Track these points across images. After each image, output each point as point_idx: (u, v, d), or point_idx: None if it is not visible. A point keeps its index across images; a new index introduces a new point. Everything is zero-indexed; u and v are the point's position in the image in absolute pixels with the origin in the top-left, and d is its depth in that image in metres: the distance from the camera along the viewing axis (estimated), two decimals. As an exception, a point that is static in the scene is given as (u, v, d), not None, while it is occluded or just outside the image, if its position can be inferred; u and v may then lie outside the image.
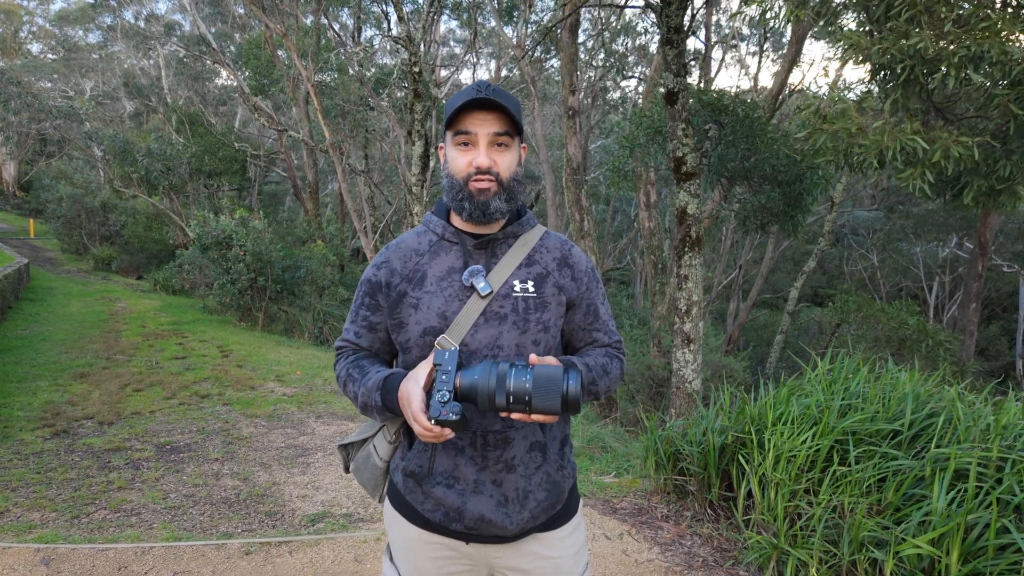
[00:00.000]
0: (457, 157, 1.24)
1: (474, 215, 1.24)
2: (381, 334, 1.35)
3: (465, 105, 1.20)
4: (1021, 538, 2.19)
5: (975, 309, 10.58)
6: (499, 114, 1.22)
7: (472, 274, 1.25)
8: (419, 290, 1.27)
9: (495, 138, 1.22)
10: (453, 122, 1.23)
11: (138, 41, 26.48)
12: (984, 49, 2.95)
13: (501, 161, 1.24)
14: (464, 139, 1.23)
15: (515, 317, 1.25)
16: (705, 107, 8.00)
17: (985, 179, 3.56)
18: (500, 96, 1.22)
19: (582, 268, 1.37)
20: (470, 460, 1.26)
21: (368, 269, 1.37)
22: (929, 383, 3.30)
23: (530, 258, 1.31)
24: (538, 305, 1.28)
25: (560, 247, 1.36)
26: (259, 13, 13.88)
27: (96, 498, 3.60)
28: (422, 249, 1.32)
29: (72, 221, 20.63)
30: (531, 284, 1.28)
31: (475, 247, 1.29)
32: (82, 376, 6.56)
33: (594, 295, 1.38)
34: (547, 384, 1.05)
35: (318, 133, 17.41)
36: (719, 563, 2.87)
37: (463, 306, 1.24)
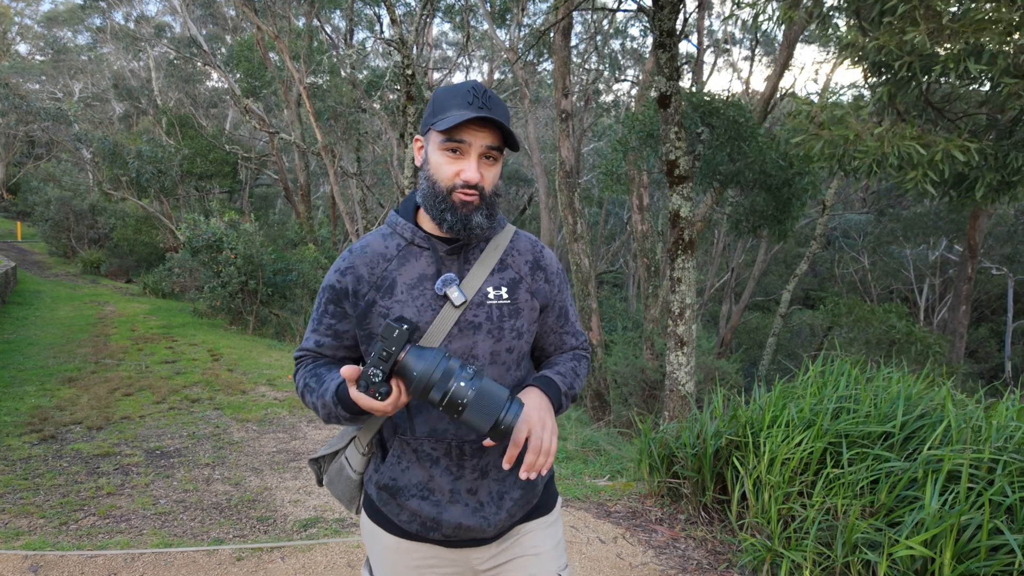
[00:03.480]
0: (443, 164, 1.19)
1: (455, 228, 1.20)
2: (348, 342, 1.29)
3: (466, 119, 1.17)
4: (1013, 539, 2.20)
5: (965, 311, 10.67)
6: (493, 128, 1.19)
7: (446, 283, 1.21)
8: (388, 299, 1.22)
9: (487, 151, 1.19)
10: (448, 128, 1.18)
11: (128, 43, 26.31)
12: (982, 42, 2.97)
13: (488, 175, 1.20)
14: (455, 147, 1.18)
15: (489, 325, 1.23)
16: (697, 111, 8.04)
17: (996, 173, 3.56)
18: (496, 111, 1.19)
19: (554, 270, 1.35)
20: (445, 471, 1.24)
21: (330, 275, 1.30)
22: (919, 384, 3.32)
23: (502, 262, 1.29)
24: (512, 312, 1.26)
25: (531, 249, 1.34)
26: (251, 15, 13.83)
27: (85, 504, 3.55)
28: (390, 254, 1.26)
29: (60, 224, 20.44)
30: (505, 291, 1.26)
31: (447, 253, 1.25)
32: (70, 381, 6.49)
33: (564, 297, 1.38)
34: (487, 402, 1.03)
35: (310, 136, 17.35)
36: (713, 566, 2.87)
37: (436, 316, 1.21)
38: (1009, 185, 3.77)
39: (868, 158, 3.42)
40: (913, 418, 2.95)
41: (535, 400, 1.20)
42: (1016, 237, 15.57)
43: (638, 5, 7.23)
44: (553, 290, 1.34)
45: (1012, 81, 3.11)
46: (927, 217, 15.64)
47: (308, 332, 1.34)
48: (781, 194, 8.08)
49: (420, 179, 1.25)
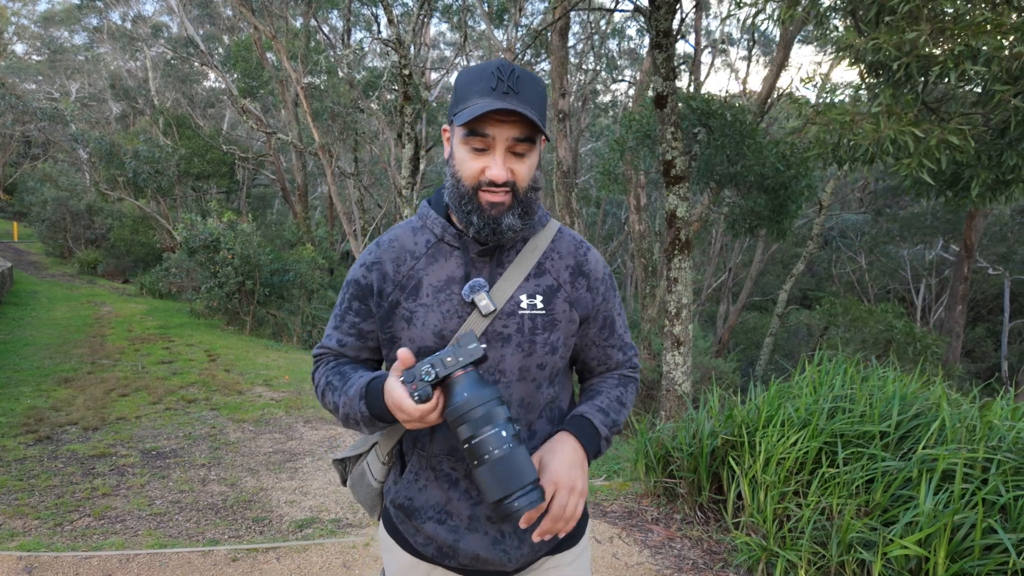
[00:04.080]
0: (467, 160, 1.06)
1: (483, 232, 1.07)
2: (371, 343, 1.19)
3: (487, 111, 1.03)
4: (1007, 538, 2.20)
5: (961, 311, 10.70)
6: (521, 118, 1.04)
7: (474, 289, 1.09)
8: (413, 301, 1.11)
9: (514, 144, 1.04)
10: (463, 119, 1.03)
11: (125, 43, 26.27)
12: (980, 44, 2.97)
13: (520, 170, 1.05)
14: (480, 143, 1.04)
15: (520, 338, 1.10)
16: (694, 111, 8.05)
17: (991, 171, 3.56)
18: (525, 97, 1.03)
19: (599, 276, 1.21)
20: (464, 494, 1.14)
21: (355, 268, 1.19)
22: (914, 384, 3.32)
23: (540, 267, 1.15)
24: (546, 324, 1.12)
25: (574, 252, 1.20)
26: (248, 15, 13.81)
27: (80, 505, 3.54)
28: (418, 251, 1.15)
29: (57, 224, 20.39)
30: (540, 299, 1.12)
31: (479, 254, 1.12)
32: (66, 381, 6.47)
33: (611, 306, 1.23)
34: (509, 472, 0.93)
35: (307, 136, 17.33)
36: (709, 565, 2.87)
37: (462, 324, 1.10)
38: (1005, 184, 3.78)
39: (865, 141, 3.41)
40: (908, 418, 2.96)
41: (568, 456, 1.06)
42: (1012, 237, 15.61)
43: (635, 5, 7.24)
44: (596, 299, 1.20)
45: (1003, 88, 3.12)
46: (924, 217, 15.68)
47: (330, 328, 1.22)
48: (778, 195, 8.09)
49: (446, 174, 1.13)
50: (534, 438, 1.16)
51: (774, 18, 4.47)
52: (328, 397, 1.16)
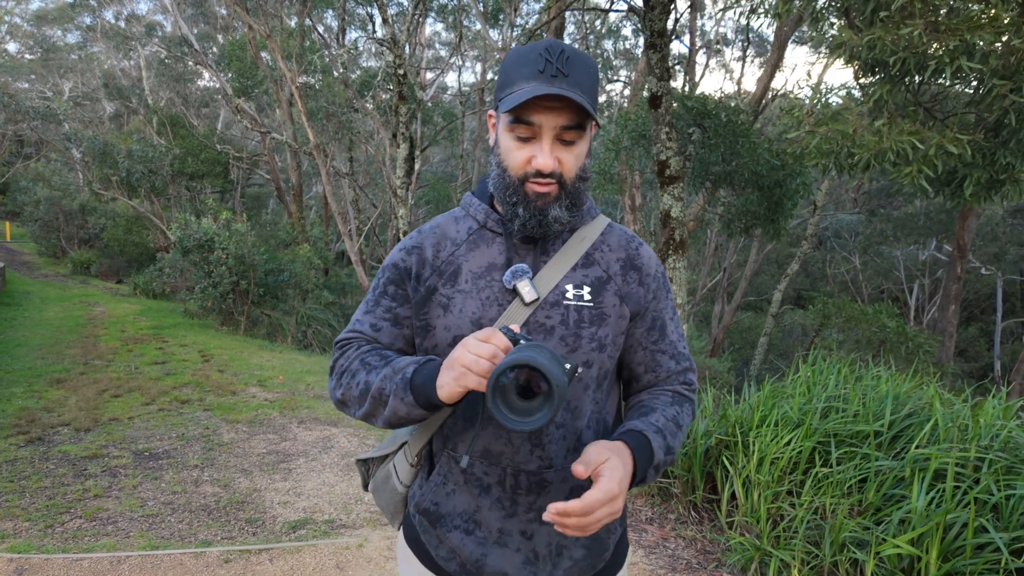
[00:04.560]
0: (513, 149, 1.00)
1: (529, 224, 1.01)
2: (407, 331, 1.10)
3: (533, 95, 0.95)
4: (999, 537, 2.21)
5: (954, 311, 10.76)
6: (570, 103, 0.97)
7: (515, 275, 1.02)
8: (451, 287, 1.05)
9: (563, 132, 0.98)
10: (508, 106, 0.97)
11: (118, 42, 26.14)
12: (976, 40, 2.99)
13: (568, 159, 1.00)
14: (526, 131, 0.98)
15: (564, 331, 1.02)
16: (689, 111, 8.06)
17: (984, 171, 3.58)
18: (575, 80, 0.96)
19: (651, 272, 1.12)
20: (496, 503, 1.04)
21: (394, 252, 1.14)
22: (907, 384, 3.34)
23: (588, 257, 1.07)
24: (594, 317, 1.04)
25: (626, 245, 1.12)
26: (242, 14, 13.76)
27: (71, 507, 3.52)
28: (459, 238, 1.09)
29: (50, 224, 20.28)
30: (587, 290, 1.04)
31: (522, 241, 1.06)
32: (58, 382, 6.43)
33: (662, 306, 1.13)
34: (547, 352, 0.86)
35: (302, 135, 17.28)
36: (702, 565, 2.87)
37: (502, 313, 1.02)
38: (998, 183, 3.80)
39: (866, 153, 3.42)
40: (901, 417, 2.97)
41: (618, 472, 0.90)
42: (1004, 237, 15.70)
43: (629, 6, 7.24)
44: (647, 295, 1.10)
45: (1001, 83, 3.14)
46: (917, 218, 15.76)
47: (359, 314, 1.13)
48: (773, 194, 8.11)
49: (491, 163, 1.08)
50: (579, 451, 1.04)
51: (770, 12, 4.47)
52: (359, 377, 1.04)
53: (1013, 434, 2.73)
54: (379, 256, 20.39)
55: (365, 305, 1.14)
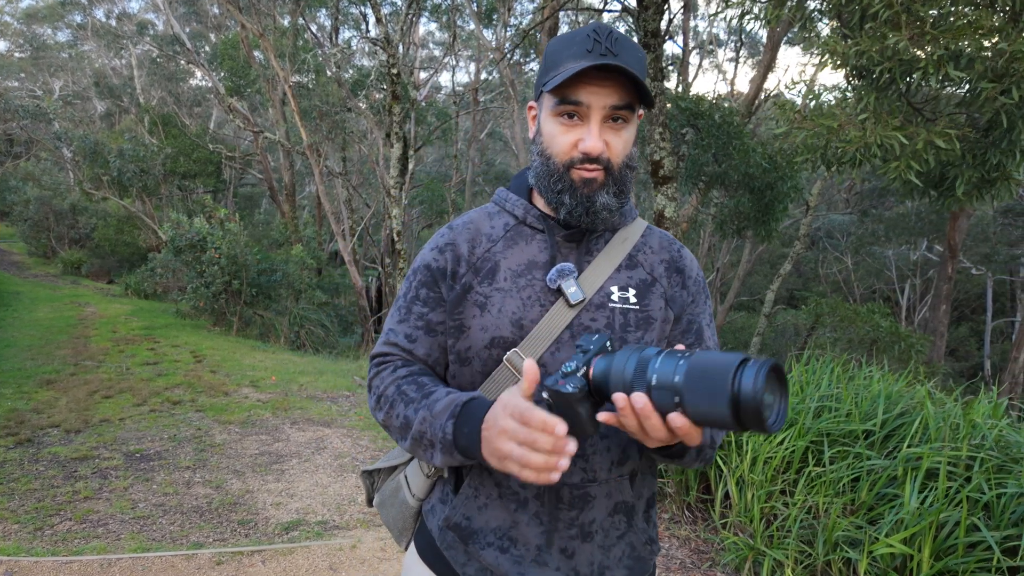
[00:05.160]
0: (558, 133, 0.95)
1: (575, 212, 0.96)
2: (442, 339, 1.03)
3: (581, 70, 0.89)
4: (990, 535, 2.22)
5: (945, 311, 10.84)
6: (621, 80, 0.92)
7: (561, 274, 0.96)
8: (488, 285, 0.98)
9: (612, 112, 0.93)
10: (559, 85, 0.92)
11: (109, 40, 25.96)
12: (962, 47, 3.01)
13: (616, 144, 0.95)
14: (571, 110, 0.93)
15: (609, 335, 0.95)
16: (682, 112, 8.08)
17: (975, 170, 3.61)
18: (626, 57, 0.91)
19: (692, 275, 1.07)
20: (534, 518, 0.96)
21: (425, 251, 1.06)
22: (900, 383, 3.35)
23: (632, 259, 1.03)
24: (640, 321, 0.99)
25: (668, 247, 1.08)
26: (235, 13, 13.70)
27: (61, 509, 3.49)
28: (495, 234, 1.03)
29: (40, 224, 20.12)
30: (633, 293, 1.00)
31: (565, 239, 1.00)
32: (48, 383, 6.38)
33: (699, 311, 1.07)
34: (704, 378, 0.70)
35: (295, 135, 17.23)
36: (696, 565, 2.88)
37: (544, 313, 0.96)
38: (989, 182, 3.83)
39: (852, 147, 3.44)
40: (893, 416, 2.99)
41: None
42: (994, 237, 15.83)
43: (623, 6, 7.25)
44: (688, 298, 1.05)
45: (990, 86, 3.16)
46: (908, 218, 15.86)
47: (392, 323, 1.06)
48: (764, 195, 8.15)
49: (532, 154, 1.02)
50: (626, 463, 0.99)
51: (761, 18, 4.50)
52: (397, 409, 0.96)
53: (1004, 433, 2.75)
54: (372, 256, 20.34)
55: (398, 312, 1.06)
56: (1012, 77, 3.02)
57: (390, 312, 1.09)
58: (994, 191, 3.73)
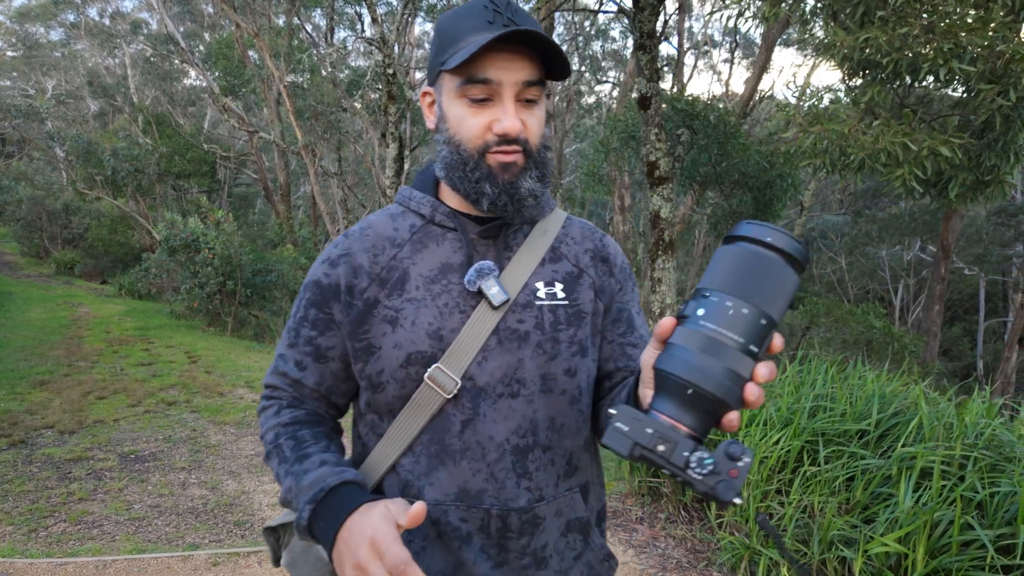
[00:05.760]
0: (467, 116, 0.85)
1: (499, 202, 0.86)
2: (334, 365, 0.92)
3: (487, 43, 0.79)
4: (984, 534, 2.24)
5: (938, 311, 10.90)
6: (530, 53, 0.83)
7: (480, 274, 0.86)
8: (398, 297, 0.87)
9: (525, 90, 0.84)
10: (463, 63, 0.81)
11: (103, 39, 25.84)
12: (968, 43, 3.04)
13: (531, 123, 0.86)
14: (482, 91, 0.83)
15: (540, 336, 0.88)
16: (678, 112, 8.11)
17: (970, 172, 3.64)
18: (529, 26, 0.82)
19: (618, 263, 1.01)
20: (481, 553, 0.86)
21: (316, 266, 0.93)
22: (894, 383, 3.37)
23: (555, 251, 0.94)
24: (571, 317, 0.91)
25: (591, 236, 1.00)
26: (230, 12, 13.65)
27: (55, 510, 3.47)
28: (400, 238, 0.91)
29: (32, 224, 19.99)
30: (560, 287, 0.91)
31: (480, 235, 0.90)
32: (42, 384, 6.34)
33: (628, 298, 1.01)
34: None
35: (290, 135, 17.18)
36: (692, 564, 2.89)
37: (466, 320, 0.86)
38: (983, 184, 3.86)
39: (863, 152, 3.45)
40: (888, 416, 3.01)
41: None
42: (987, 238, 15.93)
43: (619, 7, 7.27)
44: (615, 286, 0.98)
45: (988, 87, 3.19)
46: (901, 219, 15.95)
47: (283, 347, 0.95)
48: (763, 195, 8.18)
49: (438, 144, 0.91)
50: (574, 475, 0.92)
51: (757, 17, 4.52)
52: (272, 462, 0.89)
53: (997, 432, 2.77)
54: (368, 256, 20.26)
55: (287, 336, 0.95)
56: (1010, 78, 3.05)
57: (283, 331, 0.98)
58: (987, 193, 3.76)
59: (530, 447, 0.87)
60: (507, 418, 0.86)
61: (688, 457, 0.61)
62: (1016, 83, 3.04)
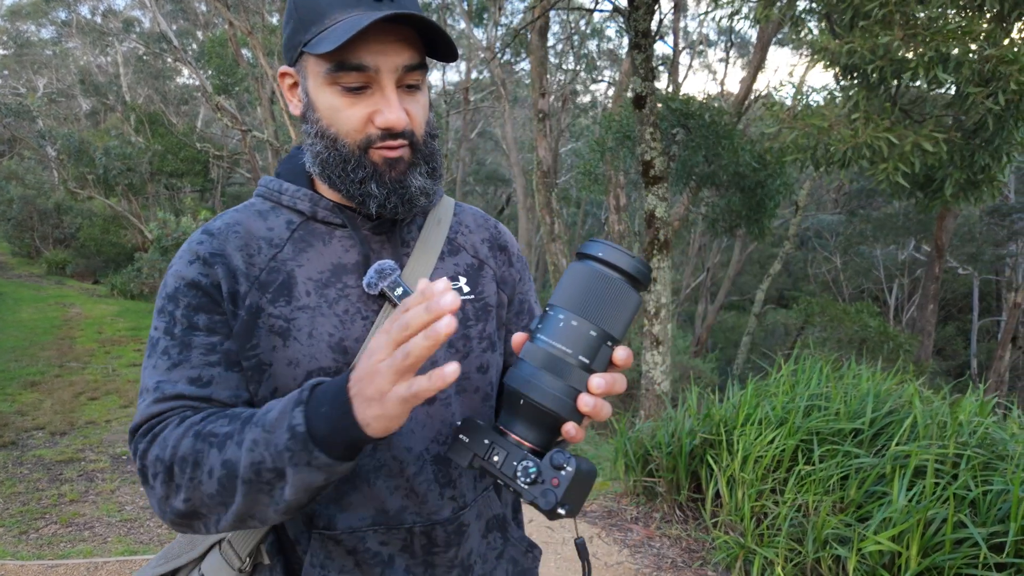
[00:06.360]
0: (342, 107, 0.74)
1: (389, 203, 0.77)
2: (249, 373, 0.77)
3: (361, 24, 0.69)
4: (977, 532, 2.24)
5: (932, 310, 10.95)
6: (408, 33, 0.74)
7: (381, 275, 0.77)
8: (285, 304, 0.76)
9: (406, 75, 0.75)
10: (328, 46, 0.71)
11: (95, 37, 25.69)
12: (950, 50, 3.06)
13: (416, 112, 0.77)
14: (356, 79, 0.73)
15: (451, 336, 0.79)
16: (673, 112, 8.11)
17: (963, 172, 3.67)
18: (405, 3, 0.74)
19: (515, 252, 0.97)
20: (406, 574, 0.79)
21: (181, 268, 0.77)
22: (888, 382, 3.38)
23: (452, 243, 0.88)
24: (479, 312, 0.86)
25: (484, 224, 0.95)
26: (223, 10, 13.60)
27: (46, 512, 3.44)
28: (277, 237, 0.80)
29: (23, 224, 19.86)
30: (464, 282, 0.86)
31: (373, 231, 0.82)
32: (33, 385, 6.30)
33: (527, 287, 0.98)
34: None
35: (284, 134, 17.13)
36: (687, 564, 2.89)
37: (370, 327, 0.77)
38: (976, 184, 3.89)
39: (843, 147, 3.47)
40: (882, 415, 3.01)
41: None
42: (980, 237, 16.03)
43: (614, 6, 7.27)
44: (515, 276, 0.95)
45: (976, 90, 3.21)
46: (896, 218, 16.03)
47: (161, 374, 0.74)
48: (755, 194, 8.20)
49: (308, 136, 0.80)
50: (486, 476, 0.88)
51: (751, 18, 4.53)
52: (207, 464, 0.66)
53: (990, 431, 2.78)
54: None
55: (164, 358, 0.74)
56: (999, 82, 3.07)
57: (144, 366, 0.78)
58: (980, 192, 3.79)
59: None
60: (425, 426, 0.79)
61: (516, 466, 0.63)
62: (1005, 87, 3.06)
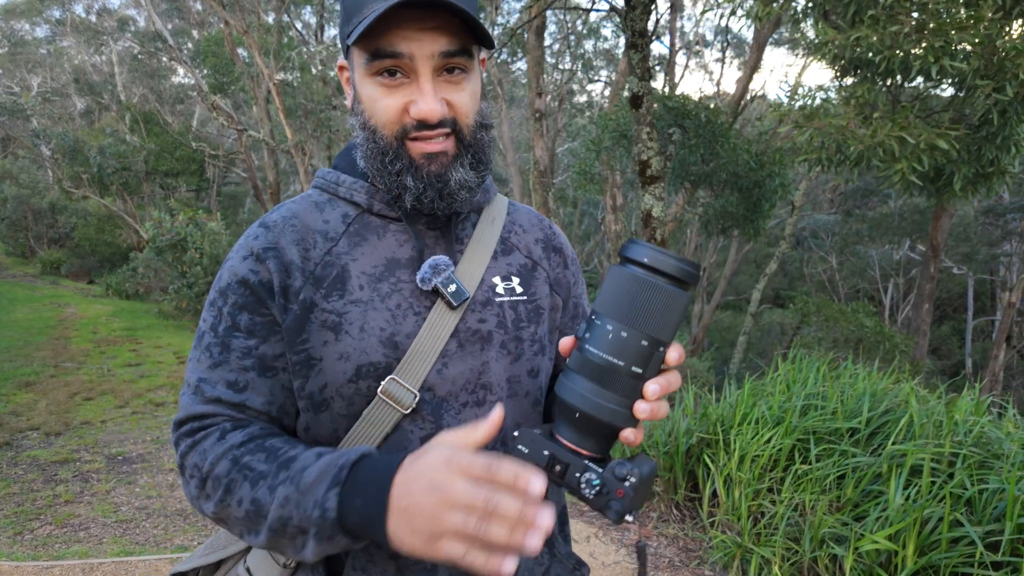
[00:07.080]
0: (380, 97, 0.72)
1: (425, 197, 0.74)
2: (285, 377, 0.76)
3: (389, 11, 0.67)
4: (973, 531, 2.25)
5: (928, 310, 10.98)
6: (447, 18, 0.70)
7: (436, 270, 0.75)
8: (339, 298, 0.74)
9: (445, 61, 0.71)
10: (364, 33, 0.69)
11: (89, 36, 25.58)
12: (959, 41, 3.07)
13: (460, 100, 0.73)
14: (390, 64, 0.70)
15: (503, 335, 0.79)
16: (669, 112, 8.12)
17: (970, 166, 3.68)
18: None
19: (570, 254, 0.93)
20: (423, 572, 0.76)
21: (234, 262, 0.77)
22: (884, 381, 3.39)
23: (505, 242, 0.85)
24: (531, 313, 0.83)
25: (539, 224, 0.92)
26: (218, 9, 13.56)
27: (41, 513, 3.43)
28: (333, 230, 0.78)
29: (18, 223, 19.76)
30: (517, 282, 0.83)
31: (427, 226, 0.80)
32: (27, 385, 6.27)
33: (580, 291, 0.95)
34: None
35: (280, 133, 17.09)
36: (684, 563, 2.89)
37: (422, 323, 0.75)
38: (984, 177, 3.91)
39: (861, 146, 3.47)
40: (878, 414, 3.02)
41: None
42: (975, 237, 16.10)
43: (610, 5, 7.27)
44: (571, 279, 0.92)
45: (984, 83, 3.21)
46: (891, 218, 16.08)
47: (202, 371, 0.75)
48: (751, 195, 8.22)
49: (354, 128, 0.78)
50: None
51: (749, 16, 4.53)
52: (239, 493, 0.67)
53: (985, 429, 2.80)
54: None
55: (208, 354, 0.75)
56: (1006, 74, 3.08)
57: (191, 357, 0.78)
58: (990, 185, 3.80)
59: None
60: None
61: (579, 478, 0.64)
62: (1012, 78, 3.07)
